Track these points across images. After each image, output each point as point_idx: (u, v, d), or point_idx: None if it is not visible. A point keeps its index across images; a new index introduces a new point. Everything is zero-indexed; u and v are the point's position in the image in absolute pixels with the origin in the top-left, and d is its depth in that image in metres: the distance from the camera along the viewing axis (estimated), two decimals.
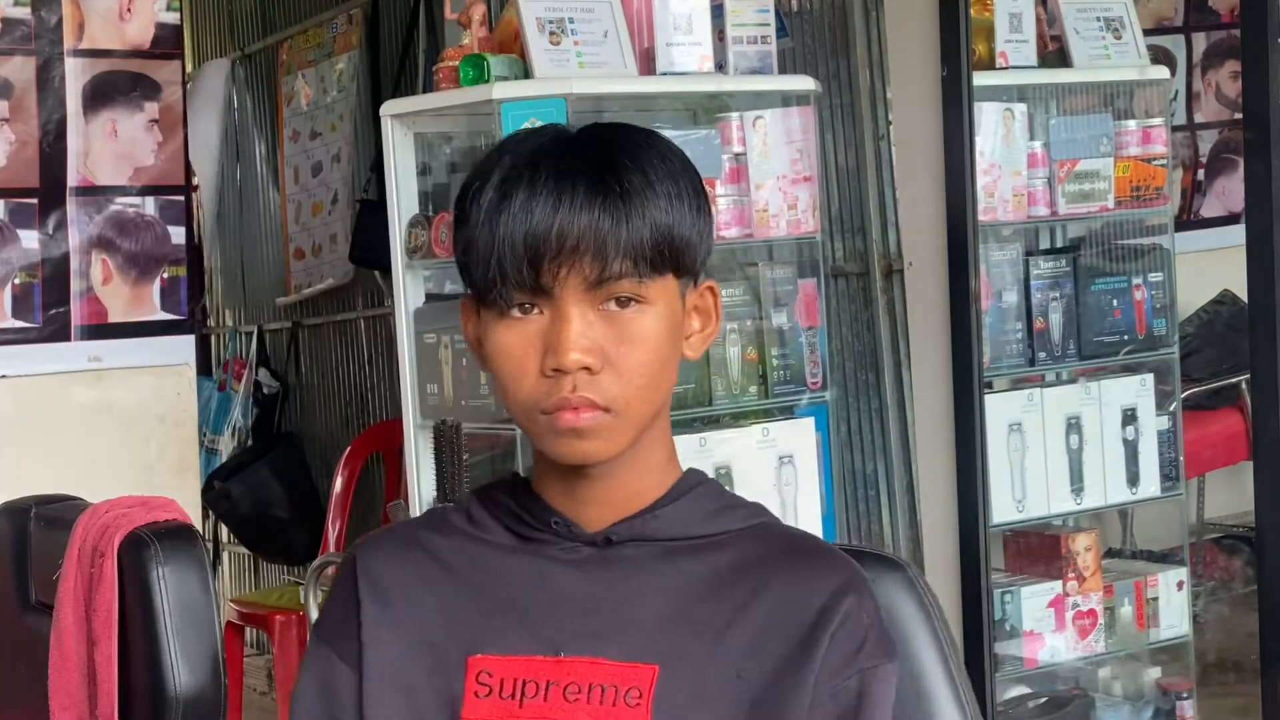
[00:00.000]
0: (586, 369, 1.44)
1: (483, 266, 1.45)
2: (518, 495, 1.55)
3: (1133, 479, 4.34)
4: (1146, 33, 4.67)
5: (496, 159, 1.49)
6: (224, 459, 6.86)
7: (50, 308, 4.39)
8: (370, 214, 5.65)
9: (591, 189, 1.43)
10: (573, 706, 1.44)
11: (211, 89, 7.02)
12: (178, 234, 4.56)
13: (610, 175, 1.45)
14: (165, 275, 4.51)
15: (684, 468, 1.61)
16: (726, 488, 1.63)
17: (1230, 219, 5.70)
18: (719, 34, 3.92)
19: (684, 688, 1.45)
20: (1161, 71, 4.58)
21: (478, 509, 1.57)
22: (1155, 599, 4.37)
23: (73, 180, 4.42)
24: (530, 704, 1.45)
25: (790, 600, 1.48)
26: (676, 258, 1.47)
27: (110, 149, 4.47)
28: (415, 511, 3.74)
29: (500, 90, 3.65)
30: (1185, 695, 4.33)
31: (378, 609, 1.51)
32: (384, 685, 1.48)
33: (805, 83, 4.12)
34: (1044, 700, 4.24)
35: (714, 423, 3.96)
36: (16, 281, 4.36)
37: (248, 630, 6.05)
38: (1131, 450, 4.33)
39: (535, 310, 1.45)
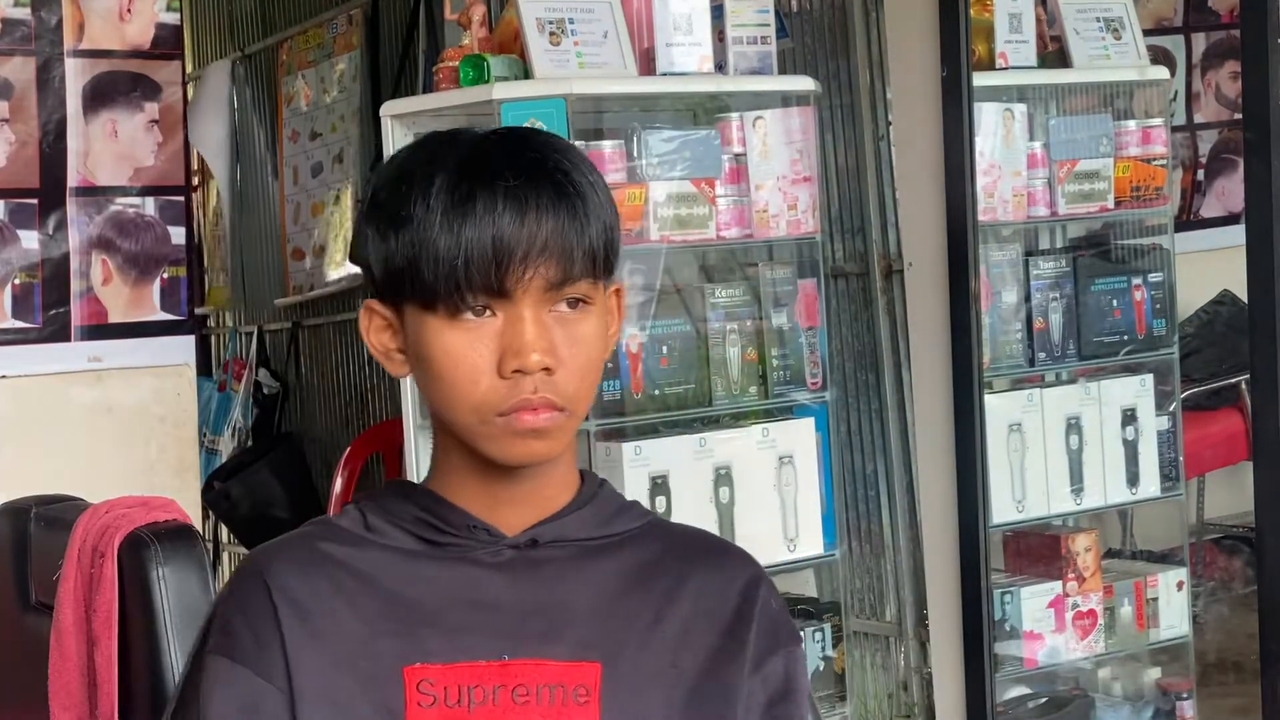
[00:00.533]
0: (546, 370, 1.45)
1: (443, 269, 1.43)
2: (421, 501, 1.53)
3: (1133, 479, 4.34)
4: (1146, 33, 4.67)
5: (426, 161, 1.47)
6: (224, 459, 6.87)
7: (50, 308, 4.39)
8: None
9: (554, 192, 1.45)
10: (523, 709, 1.45)
11: (217, 89, 7.03)
12: (178, 234, 4.56)
13: (563, 178, 1.46)
14: (165, 275, 4.51)
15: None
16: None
17: (1230, 219, 5.71)
18: (719, 34, 3.92)
19: (626, 682, 1.48)
20: (1161, 72, 4.58)
21: (375, 518, 1.54)
22: (1155, 599, 4.37)
23: (73, 180, 4.42)
24: (480, 709, 1.44)
25: (710, 593, 1.58)
26: (613, 259, 1.51)
27: (110, 149, 4.47)
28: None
29: (500, 90, 3.65)
30: (1185, 695, 4.33)
31: (298, 624, 1.47)
32: (317, 702, 1.45)
33: (805, 83, 4.12)
34: (1044, 700, 4.24)
35: (714, 423, 3.96)
36: (16, 282, 4.36)
37: None
38: (1131, 450, 4.33)
39: (488, 313, 1.45)
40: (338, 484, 5.74)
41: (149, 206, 4.51)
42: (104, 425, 4.42)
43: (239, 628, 1.48)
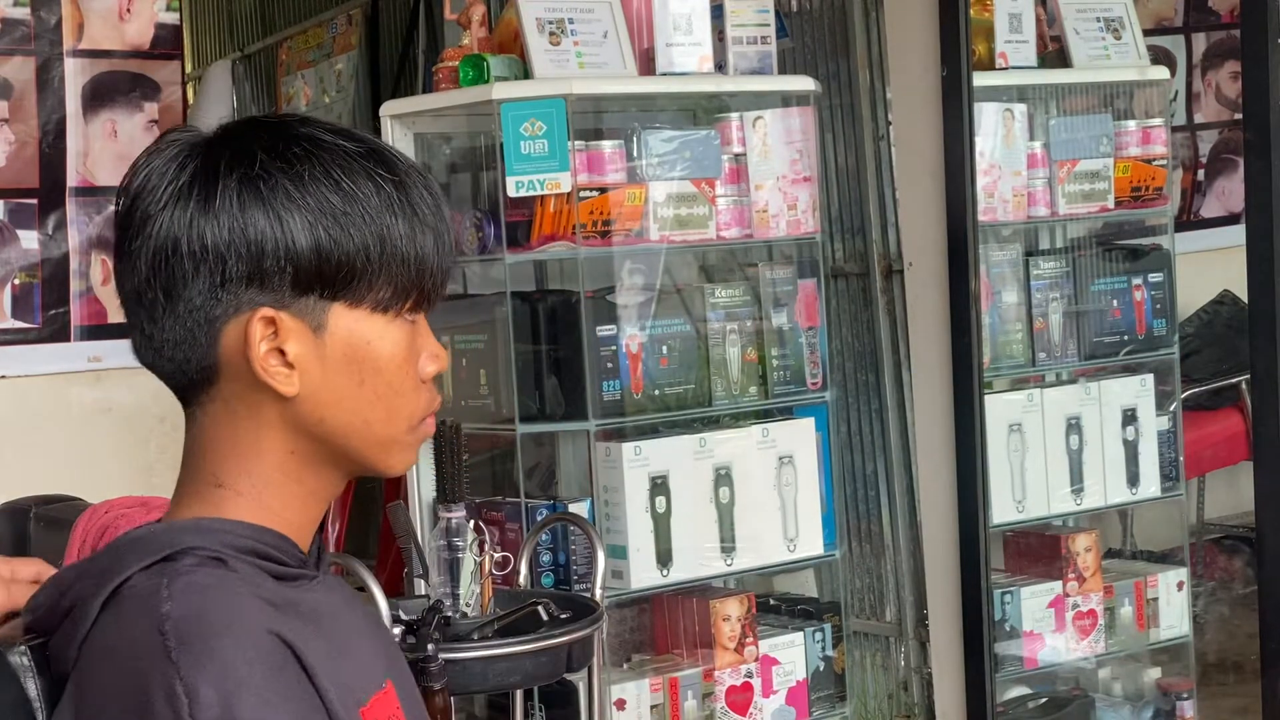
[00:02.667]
0: None
1: (410, 266, 1.35)
2: (253, 533, 1.33)
3: (1133, 479, 4.34)
4: (1146, 33, 4.67)
5: (350, 155, 1.34)
6: None
7: (50, 308, 4.39)
8: None
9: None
10: None
11: (219, 89, 7.03)
12: None
13: None
14: None
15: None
16: None
17: (1230, 219, 5.71)
18: (719, 34, 3.92)
19: (412, 692, 1.46)
20: (1161, 72, 4.58)
21: (232, 558, 1.32)
22: (1155, 599, 4.37)
23: (72, 180, 4.41)
24: None
25: None
26: None
27: (110, 149, 4.47)
28: (415, 513, 3.73)
29: (500, 90, 3.65)
30: (1185, 695, 4.33)
31: (327, 685, 1.29)
32: None
33: (805, 83, 4.12)
34: (1044, 701, 4.24)
35: (714, 423, 3.96)
36: (16, 282, 4.35)
37: None
38: (1131, 451, 4.33)
39: (410, 318, 1.38)
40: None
41: None
42: (104, 425, 4.42)
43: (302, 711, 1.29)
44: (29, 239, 4.38)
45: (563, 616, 3.15)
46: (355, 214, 1.32)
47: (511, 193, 3.62)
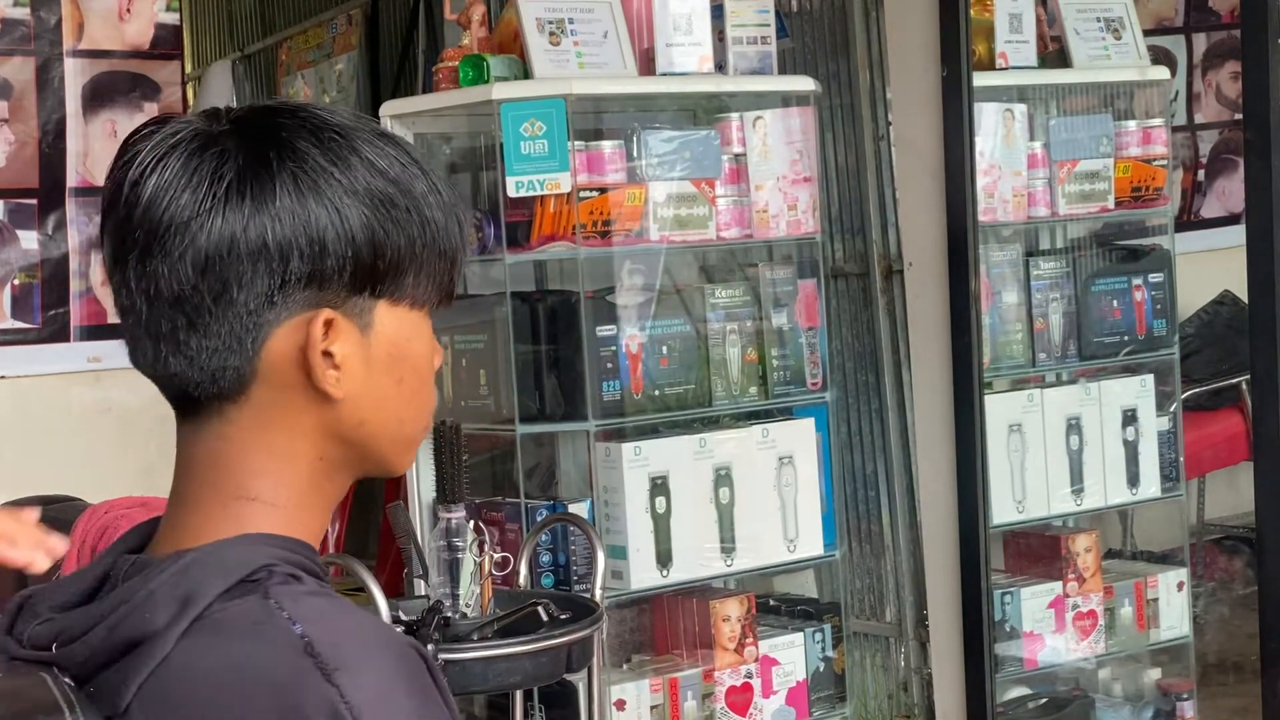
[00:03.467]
0: None
1: (450, 261, 1.30)
2: (298, 549, 1.28)
3: (1133, 480, 4.34)
4: (1147, 33, 4.67)
5: (406, 147, 1.31)
6: None
7: (50, 308, 4.39)
8: None
9: None
10: None
11: (219, 88, 7.03)
12: None
13: None
14: None
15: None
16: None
17: (1230, 219, 5.71)
18: (719, 34, 3.92)
19: None
20: (1161, 72, 4.58)
21: (300, 575, 1.27)
22: (1155, 600, 4.37)
23: (72, 181, 4.41)
24: None
25: None
26: None
27: (110, 149, 4.46)
28: (415, 513, 3.73)
29: (500, 91, 3.65)
30: (1185, 696, 4.33)
31: None
32: None
33: (805, 83, 4.12)
34: (1044, 701, 4.24)
35: (714, 423, 3.96)
36: (16, 282, 4.35)
37: None
38: (1132, 451, 4.33)
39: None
40: None
41: None
42: (104, 425, 4.42)
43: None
44: (29, 239, 4.38)
45: (563, 617, 3.15)
46: (403, 205, 1.25)
47: (511, 193, 3.62)
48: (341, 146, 1.23)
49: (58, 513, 2.84)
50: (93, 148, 4.45)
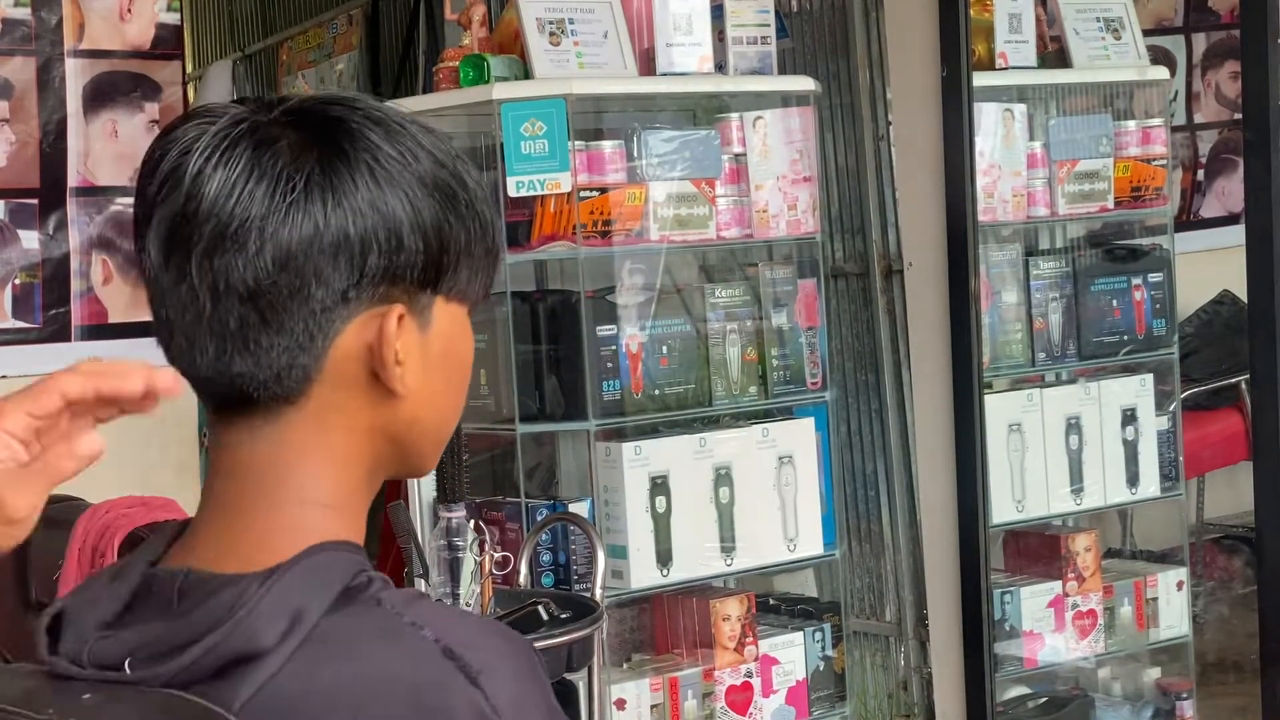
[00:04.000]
0: None
1: (496, 258, 1.28)
2: (365, 554, 1.27)
3: (1132, 479, 4.34)
4: (1146, 33, 4.67)
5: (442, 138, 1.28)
6: None
7: (50, 308, 4.39)
8: None
9: None
10: None
11: (218, 88, 7.03)
12: None
13: None
14: None
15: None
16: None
17: (1230, 219, 5.70)
18: (719, 34, 3.93)
19: None
20: (1161, 72, 4.59)
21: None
22: (1155, 599, 4.37)
23: (73, 180, 4.42)
24: None
25: None
26: None
27: (110, 149, 4.47)
28: (415, 513, 3.73)
29: (500, 91, 3.65)
30: (1185, 695, 4.33)
31: None
32: None
33: (805, 83, 4.12)
34: (1044, 700, 4.25)
35: (714, 423, 3.96)
36: (17, 282, 4.36)
37: None
38: (1131, 450, 4.33)
39: None
40: None
41: None
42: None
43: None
44: (29, 239, 4.38)
45: (563, 616, 3.15)
46: (462, 198, 1.23)
47: (512, 193, 3.63)
48: (406, 138, 1.21)
49: (58, 513, 2.84)
50: (93, 148, 4.45)
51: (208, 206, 1.16)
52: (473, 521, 3.35)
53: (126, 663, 1.15)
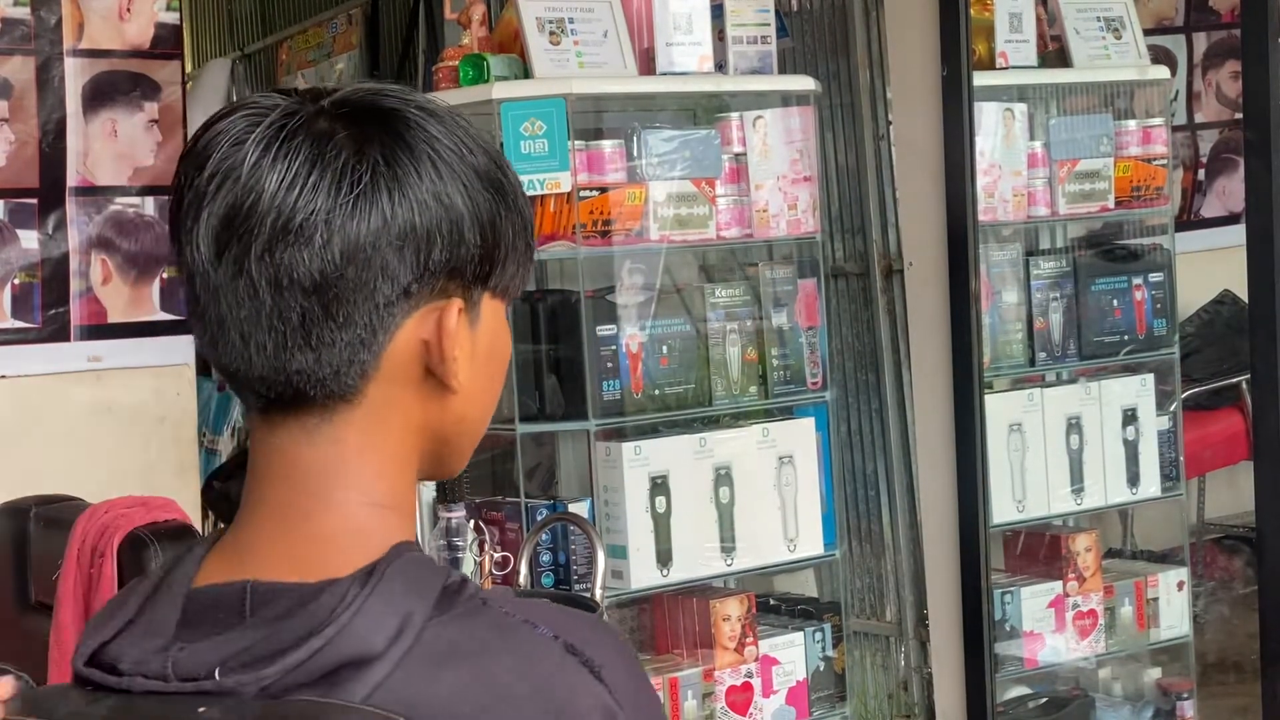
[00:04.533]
0: None
1: (531, 254, 1.26)
2: None
3: (1133, 479, 4.34)
4: (1147, 32, 4.67)
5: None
6: (223, 459, 6.86)
7: (50, 308, 4.38)
8: None
9: None
10: None
11: (214, 84, 7.02)
12: None
13: None
14: (165, 275, 4.51)
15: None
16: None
17: (1230, 219, 5.70)
18: (719, 34, 3.92)
19: None
20: (1162, 71, 4.58)
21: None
22: (1155, 599, 4.37)
23: (72, 180, 4.41)
24: None
25: None
26: None
27: (110, 149, 4.46)
28: (415, 514, 3.73)
29: (500, 90, 3.65)
30: (1185, 696, 4.33)
31: None
32: None
33: (805, 83, 4.12)
34: (1044, 700, 4.24)
35: (714, 423, 3.96)
36: (16, 281, 4.35)
37: None
38: (1132, 450, 4.33)
39: None
40: None
41: (148, 206, 4.51)
42: (104, 425, 4.41)
43: None
44: (29, 239, 4.37)
45: None
46: (509, 191, 1.21)
47: None
48: (459, 130, 1.20)
49: (58, 513, 2.84)
50: (93, 147, 4.44)
51: (268, 200, 1.14)
52: (472, 521, 3.35)
53: (216, 671, 1.11)
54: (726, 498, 3.85)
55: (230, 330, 1.17)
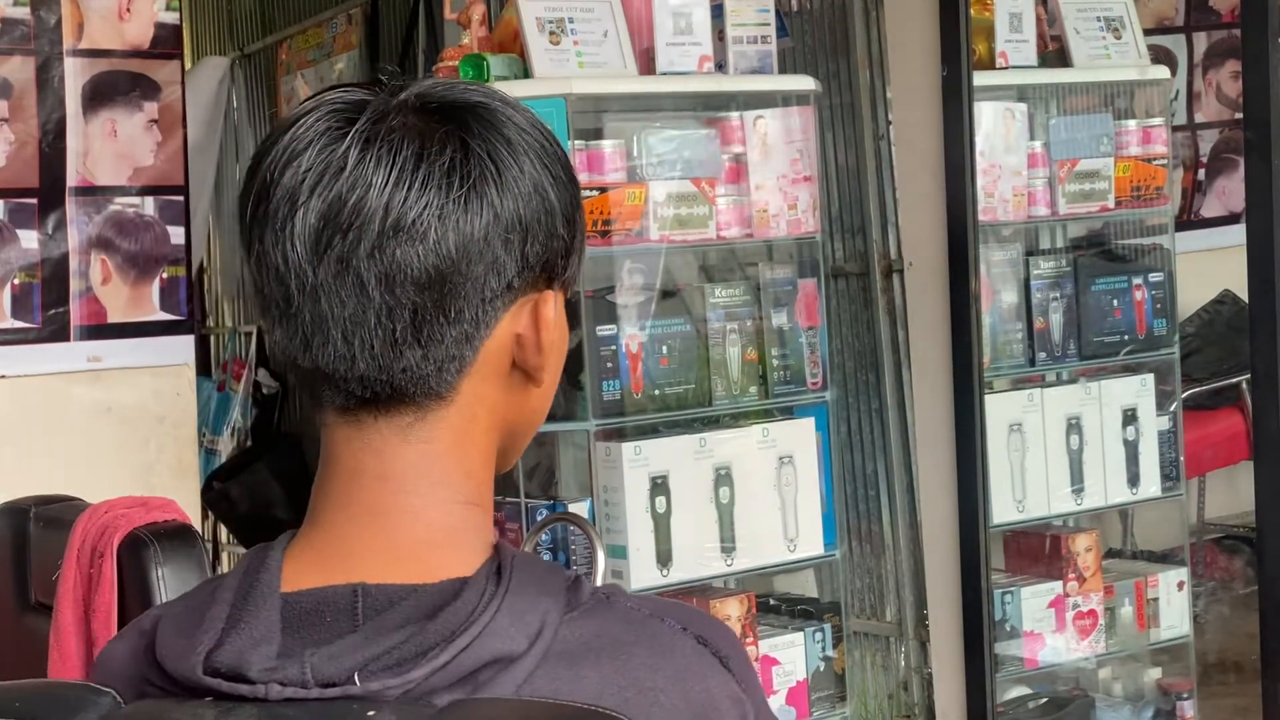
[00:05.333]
0: None
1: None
2: None
3: (1133, 479, 4.34)
4: (1147, 32, 4.67)
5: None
6: (223, 459, 6.86)
7: (50, 308, 4.38)
8: None
9: None
10: None
11: (205, 84, 7.00)
12: (177, 234, 4.56)
13: None
14: (165, 275, 4.51)
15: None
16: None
17: (1230, 219, 5.70)
18: (719, 34, 3.92)
19: None
20: (1162, 71, 4.58)
21: None
22: (1155, 599, 4.37)
23: (72, 180, 4.41)
24: None
25: None
26: None
27: (110, 149, 4.46)
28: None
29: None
30: (1185, 696, 4.33)
31: None
32: None
33: (805, 83, 4.12)
34: (1044, 701, 4.24)
35: (714, 423, 3.96)
36: (16, 281, 4.35)
37: None
38: (1132, 450, 4.33)
39: None
40: None
41: (148, 206, 4.51)
42: (103, 425, 4.41)
43: None
44: (29, 239, 4.37)
45: None
46: (578, 185, 1.22)
47: None
48: (538, 122, 1.20)
49: (58, 513, 2.84)
50: (93, 147, 4.44)
51: (375, 197, 1.13)
52: None
53: (356, 676, 1.09)
54: (726, 498, 3.85)
55: (331, 329, 1.15)
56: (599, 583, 3.40)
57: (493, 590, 1.12)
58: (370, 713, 1.07)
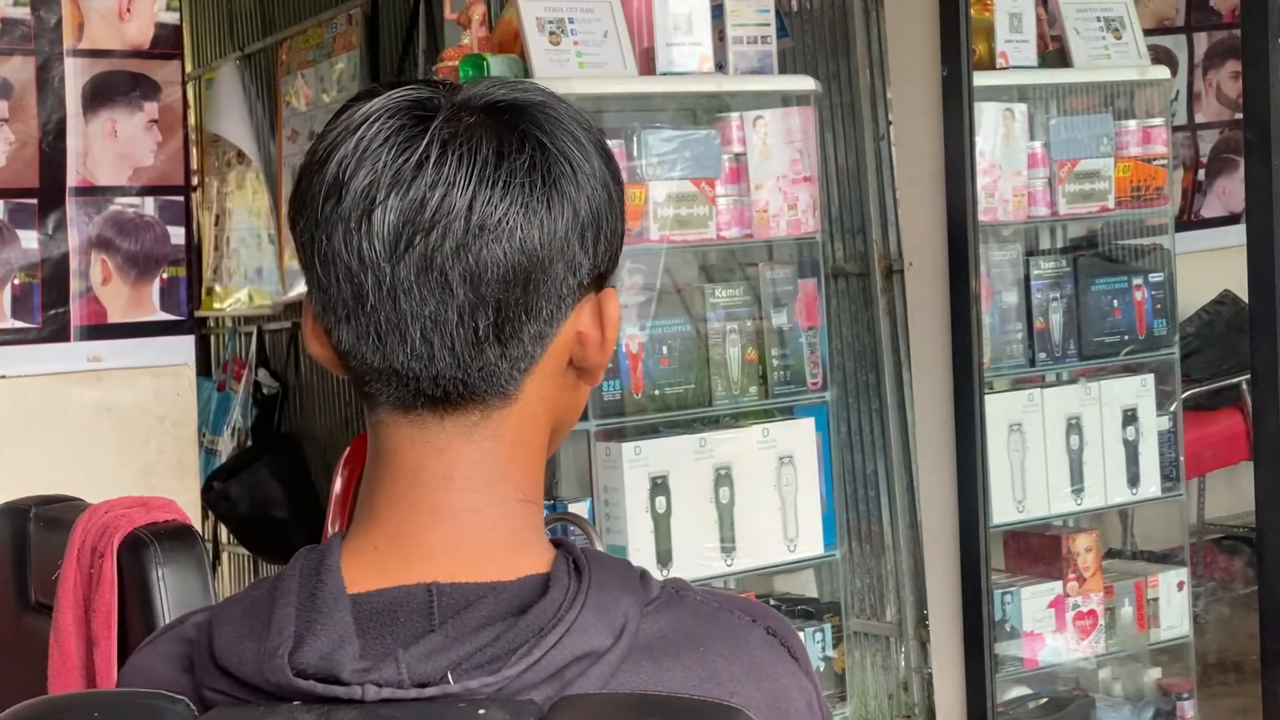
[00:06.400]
0: None
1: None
2: None
3: (1133, 479, 4.34)
4: (1147, 32, 4.67)
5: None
6: (223, 459, 6.86)
7: (50, 308, 4.39)
8: None
9: None
10: None
11: (231, 87, 7.01)
12: (177, 234, 4.56)
13: None
14: (165, 275, 4.51)
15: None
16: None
17: (1230, 219, 5.70)
18: (719, 34, 3.92)
19: None
20: (1162, 71, 4.58)
21: None
22: (1155, 599, 4.37)
23: (72, 180, 4.41)
24: None
25: None
26: None
27: (110, 149, 4.47)
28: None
29: None
30: (1185, 696, 4.33)
31: None
32: None
33: (805, 83, 4.12)
34: (1044, 701, 4.24)
35: (714, 423, 3.96)
36: (16, 282, 4.35)
37: None
38: (1132, 451, 4.33)
39: None
40: (337, 484, 5.72)
41: (148, 206, 4.51)
42: (104, 425, 4.42)
43: None
44: (29, 239, 4.38)
45: None
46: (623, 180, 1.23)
47: None
48: (593, 124, 1.22)
49: (58, 513, 2.84)
50: (93, 147, 4.45)
51: (460, 195, 1.13)
52: None
53: (449, 675, 1.09)
54: (726, 498, 3.85)
55: (410, 328, 1.15)
56: None
57: (576, 586, 1.12)
58: (481, 711, 1.07)
